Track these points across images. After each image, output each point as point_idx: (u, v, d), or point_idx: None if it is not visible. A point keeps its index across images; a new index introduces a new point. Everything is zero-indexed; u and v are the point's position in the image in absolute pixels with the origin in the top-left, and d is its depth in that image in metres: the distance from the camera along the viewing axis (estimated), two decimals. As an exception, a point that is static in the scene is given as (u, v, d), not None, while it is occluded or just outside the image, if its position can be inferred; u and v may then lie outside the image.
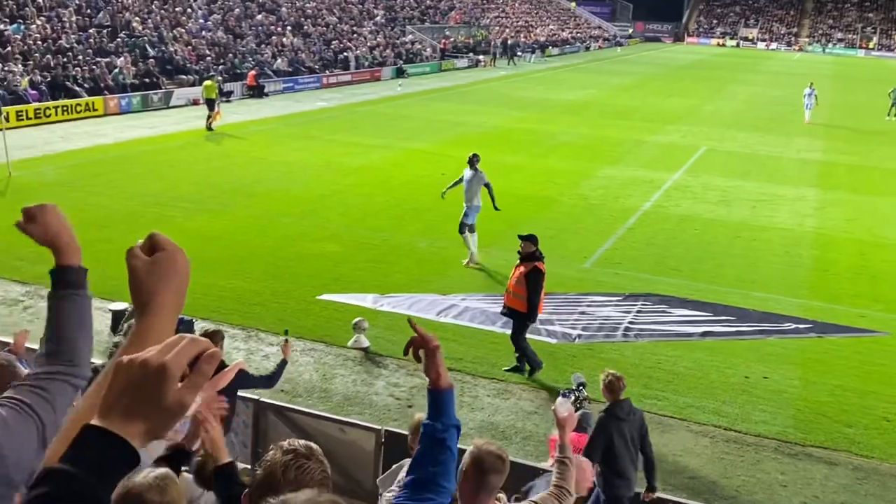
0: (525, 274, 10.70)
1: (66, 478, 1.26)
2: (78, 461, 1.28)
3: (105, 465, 1.30)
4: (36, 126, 26.90)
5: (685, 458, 9.32)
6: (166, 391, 1.33)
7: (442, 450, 2.97)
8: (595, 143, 28.75)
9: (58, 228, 2.26)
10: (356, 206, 18.87)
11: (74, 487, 1.26)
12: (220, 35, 41.13)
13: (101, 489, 1.28)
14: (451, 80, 47.45)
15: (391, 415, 9.68)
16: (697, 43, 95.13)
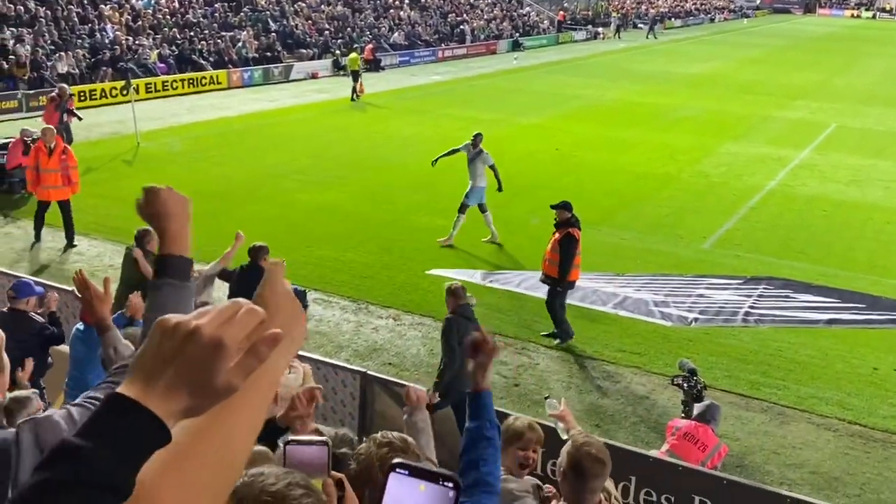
0: (559, 240, 10.54)
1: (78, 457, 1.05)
2: (100, 438, 1.07)
3: (132, 446, 1.09)
4: (163, 98, 27.97)
5: (805, 452, 8.84)
6: (218, 370, 1.13)
7: (489, 448, 3.11)
8: (718, 118, 27.67)
9: (169, 213, 2.17)
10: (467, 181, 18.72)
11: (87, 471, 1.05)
12: (339, 9, 41.66)
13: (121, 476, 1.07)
14: (568, 52, 46.62)
15: (497, 393, 9.55)
16: (830, 15, 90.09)
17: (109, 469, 1.05)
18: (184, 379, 1.13)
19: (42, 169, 13.56)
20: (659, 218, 16.64)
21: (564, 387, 9.77)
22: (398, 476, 1.20)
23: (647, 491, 7.00)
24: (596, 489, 4.04)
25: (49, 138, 13.71)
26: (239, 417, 1.23)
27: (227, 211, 15.67)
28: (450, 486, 1.20)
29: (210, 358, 1.13)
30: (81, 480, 1.04)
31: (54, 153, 13.62)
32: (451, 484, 1.20)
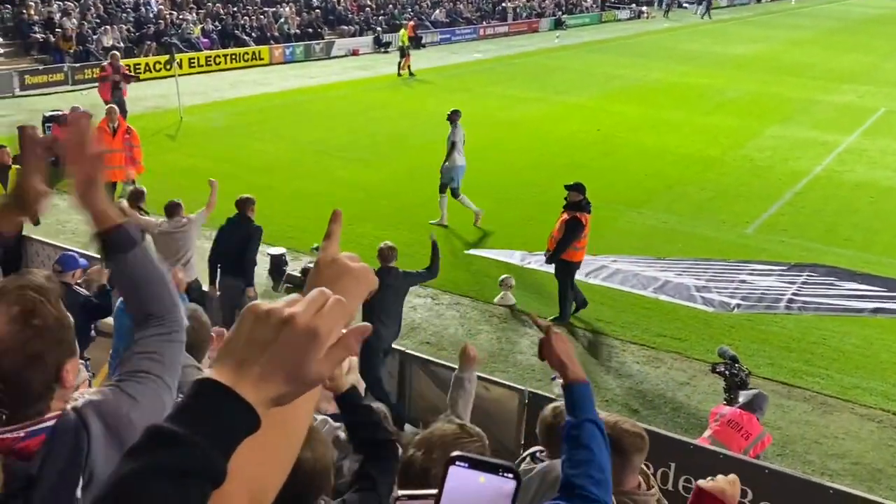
0: (566, 221, 10.50)
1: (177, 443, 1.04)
2: (196, 425, 1.05)
3: (227, 433, 1.07)
4: (206, 73, 28.13)
5: (848, 442, 8.70)
6: (311, 360, 1.11)
7: (577, 449, 2.66)
8: (763, 101, 27.17)
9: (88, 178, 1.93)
10: (508, 160, 18.66)
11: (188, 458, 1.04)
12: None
13: (218, 463, 1.06)
14: (611, 31, 46.03)
15: (535, 375, 9.53)
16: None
17: (208, 456, 1.04)
18: (277, 367, 1.11)
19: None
20: (702, 201, 16.41)
21: (603, 370, 9.71)
22: (458, 468, 1.19)
23: (686, 478, 6.94)
24: (636, 466, 4.01)
25: (112, 118, 13.51)
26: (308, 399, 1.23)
27: (269, 187, 15.75)
28: (510, 476, 1.19)
29: (305, 347, 1.12)
30: (183, 467, 1.03)
31: (118, 133, 13.47)
32: (511, 475, 1.19)
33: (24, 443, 1.64)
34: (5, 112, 20.38)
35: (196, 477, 1.04)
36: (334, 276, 1.30)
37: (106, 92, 18.43)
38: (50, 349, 1.74)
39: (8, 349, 1.68)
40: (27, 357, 1.69)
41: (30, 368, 1.70)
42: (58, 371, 1.77)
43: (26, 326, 1.70)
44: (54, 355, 1.75)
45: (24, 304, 1.71)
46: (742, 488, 6.79)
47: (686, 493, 6.93)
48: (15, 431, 1.65)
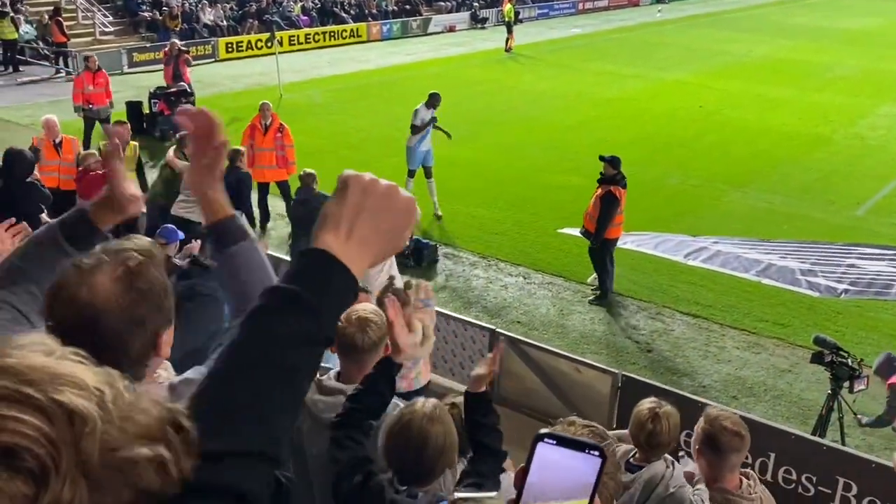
0: (600, 196, 10.17)
1: (307, 307, 1.16)
2: (307, 285, 1.17)
3: (337, 301, 1.20)
4: (305, 51, 28.53)
5: (964, 440, 8.20)
6: (408, 228, 1.28)
7: None
8: (878, 78, 25.79)
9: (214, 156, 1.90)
10: (605, 138, 18.23)
11: (303, 307, 1.15)
12: (478, -39, 41.19)
13: (332, 327, 1.20)
14: (715, 4, 44.48)
15: (629, 358, 9.32)
16: None
17: (324, 320, 1.18)
18: (382, 233, 1.24)
19: (256, 147, 12.49)
20: (809, 182, 15.71)
21: (700, 355, 9.42)
22: (546, 446, 1.23)
23: (786, 469, 6.66)
24: (735, 465, 3.85)
25: (266, 114, 12.65)
26: None
27: (365, 163, 15.87)
28: (596, 454, 1.22)
29: (405, 215, 1.27)
30: (308, 330, 1.16)
31: (269, 131, 12.58)
32: (598, 453, 1.22)
33: None
34: (115, 89, 21.08)
35: (315, 340, 1.17)
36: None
37: (167, 76, 18.88)
38: (152, 314, 1.73)
39: (110, 309, 1.66)
40: (129, 320, 1.67)
41: (130, 332, 1.68)
42: (156, 338, 1.76)
43: (131, 289, 1.68)
44: (155, 321, 1.74)
45: (130, 266, 1.70)
46: (846, 481, 6.50)
47: (786, 484, 6.66)
48: None
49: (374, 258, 1.24)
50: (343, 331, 3.44)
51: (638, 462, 3.95)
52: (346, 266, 1.19)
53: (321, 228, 1.23)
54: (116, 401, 0.96)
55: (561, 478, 1.21)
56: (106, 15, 27.79)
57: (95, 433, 0.91)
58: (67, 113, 16.25)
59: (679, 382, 8.64)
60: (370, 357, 3.43)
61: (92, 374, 0.97)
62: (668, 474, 3.82)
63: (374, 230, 1.23)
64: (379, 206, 1.24)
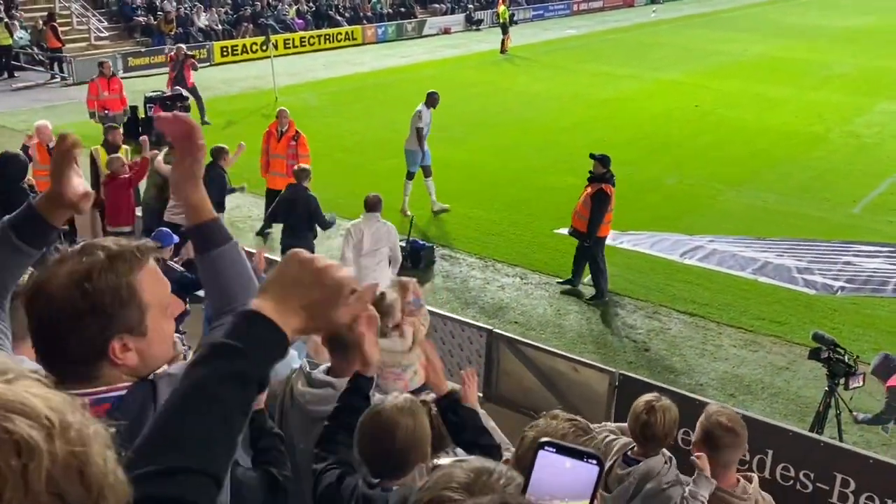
0: (591, 195, 10.20)
1: (235, 353, 1.33)
2: (247, 343, 1.34)
3: (269, 353, 1.37)
4: (300, 54, 28.53)
5: (961, 436, 8.20)
6: (336, 305, 1.42)
7: None
8: (873, 76, 25.83)
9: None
10: (601, 138, 18.24)
11: (243, 365, 1.33)
12: (473, -37, 41.23)
13: (266, 374, 1.38)
14: (710, 4, 44.54)
15: (626, 357, 9.32)
16: None
17: (259, 366, 1.36)
18: (311, 304, 1.40)
19: (271, 154, 12.43)
20: (805, 180, 15.73)
21: (698, 354, 9.42)
22: (546, 454, 1.30)
23: (784, 466, 6.66)
24: (730, 462, 3.84)
25: (283, 121, 12.46)
26: None
27: (361, 165, 15.89)
28: (594, 462, 1.28)
29: (334, 294, 1.41)
30: (243, 373, 1.33)
31: (283, 138, 12.37)
32: (595, 461, 1.28)
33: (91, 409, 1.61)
34: (110, 94, 21.13)
35: (251, 382, 1.34)
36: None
37: (170, 81, 18.93)
38: (96, 318, 1.66)
39: (53, 305, 1.66)
40: (67, 318, 1.66)
41: (68, 331, 1.67)
42: (104, 344, 1.68)
43: (76, 286, 1.66)
44: (97, 325, 1.67)
45: (85, 265, 1.68)
46: (844, 478, 6.50)
47: (784, 481, 6.65)
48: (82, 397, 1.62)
49: (303, 325, 1.41)
50: None
51: (635, 456, 3.95)
52: (274, 322, 1.37)
53: (259, 293, 1.42)
54: (66, 433, 0.95)
55: (560, 483, 1.28)
56: (100, 20, 27.77)
57: (41, 467, 0.91)
58: (62, 118, 16.25)
59: (676, 381, 8.64)
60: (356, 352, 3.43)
61: (44, 401, 0.97)
62: (664, 470, 3.81)
63: (305, 299, 1.40)
64: (309, 281, 1.41)
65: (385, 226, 9.18)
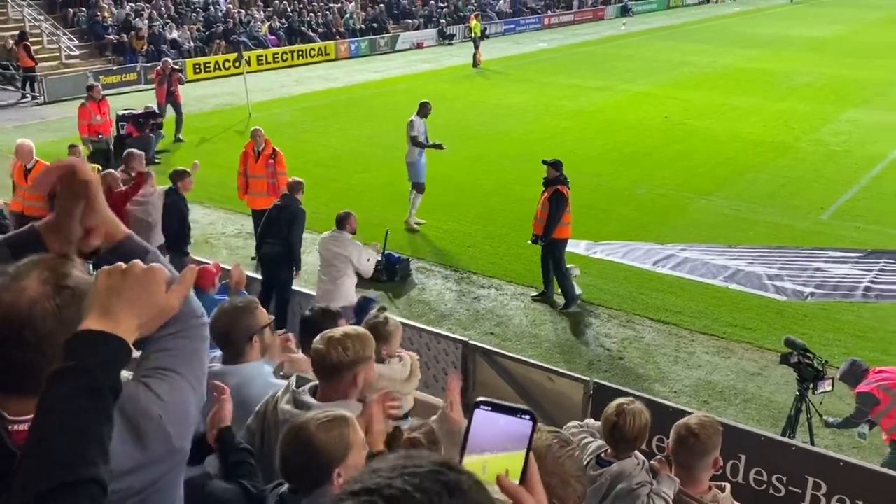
0: (548, 197, 10.45)
1: (71, 372, 1.42)
2: (84, 360, 1.43)
3: (110, 362, 1.46)
4: (274, 70, 28.55)
5: (930, 436, 8.34)
6: (157, 292, 1.58)
7: None
8: (840, 85, 26.29)
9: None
10: (574, 150, 18.42)
11: (84, 378, 1.42)
12: (444, -22, 41.51)
13: (114, 382, 1.46)
14: (679, 17, 45.15)
15: (601, 366, 9.41)
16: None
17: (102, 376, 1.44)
18: (131, 304, 1.53)
19: (249, 174, 12.09)
20: (774, 188, 15.97)
21: (671, 361, 9.52)
22: (482, 412, 1.35)
23: (757, 470, 6.75)
24: (698, 468, 3.90)
25: (259, 140, 12.14)
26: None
27: (334, 179, 15.93)
28: (527, 418, 1.34)
29: (148, 284, 1.57)
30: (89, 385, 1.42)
31: (261, 157, 12.05)
32: (528, 416, 1.34)
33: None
34: (82, 112, 21.03)
35: (97, 390, 1.42)
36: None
37: (161, 95, 18.92)
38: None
39: (41, 312, 1.59)
40: (62, 322, 1.59)
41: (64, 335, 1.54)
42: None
43: (60, 288, 1.63)
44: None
45: (55, 267, 1.66)
46: (815, 481, 6.59)
47: (757, 485, 6.75)
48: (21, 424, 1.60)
49: (138, 321, 1.55)
50: (317, 351, 3.47)
51: (608, 458, 4.02)
52: (104, 332, 1.48)
53: (85, 311, 1.52)
54: None
55: (496, 438, 1.34)
56: (71, 38, 27.64)
57: None
58: (34, 137, 16.06)
59: (651, 388, 8.74)
60: (344, 376, 3.46)
61: None
62: (636, 472, 3.88)
63: (124, 301, 1.53)
64: (119, 284, 1.55)
65: (343, 242, 9.02)
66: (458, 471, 1.14)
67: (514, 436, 1.34)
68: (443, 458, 1.15)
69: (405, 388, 5.07)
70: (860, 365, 7.25)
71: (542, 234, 10.63)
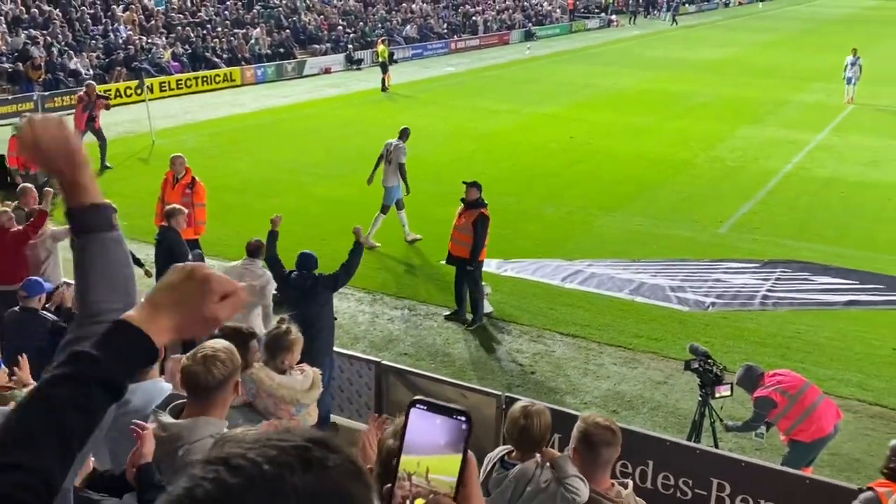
0: (473, 221, 10.67)
1: (91, 360, 1.42)
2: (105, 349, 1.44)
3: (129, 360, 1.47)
4: (178, 97, 28.08)
5: (826, 435, 8.75)
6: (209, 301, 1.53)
7: None
8: (734, 104, 27.45)
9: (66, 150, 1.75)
10: (483, 171, 18.63)
11: (97, 370, 1.42)
12: (351, 4, 41.64)
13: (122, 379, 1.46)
14: (581, 41, 46.39)
15: (514, 381, 9.56)
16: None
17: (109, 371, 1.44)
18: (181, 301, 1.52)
19: (165, 201, 11.58)
20: (675, 203, 16.54)
21: (581, 374, 9.74)
22: (418, 411, 1.36)
23: (664, 475, 6.97)
24: (606, 462, 4.02)
25: (178, 168, 11.84)
26: None
27: (243, 204, 15.76)
28: (462, 419, 1.35)
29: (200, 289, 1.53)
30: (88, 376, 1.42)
31: (178, 185, 11.76)
32: (464, 417, 1.35)
33: None
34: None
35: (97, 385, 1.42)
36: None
37: (80, 121, 18.40)
38: None
39: None
40: None
41: None
42: None
43: None
44: None
45: None
46: (720, 482, 6.84)
47: (665, 490, 6.96)
48: None
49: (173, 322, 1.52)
50: (188, 368, 3.42)
51: (512, 460, 4.11)
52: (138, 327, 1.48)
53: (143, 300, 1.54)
54: None
55: (433, 436, 1.35)
56: (-37, 67, 26.62)
57: None
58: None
59: (562, 401, 8.92)
60: (216, 395, 3.41)
61: None
62: (538, 472, 3.98)
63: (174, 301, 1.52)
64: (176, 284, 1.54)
65: (255, 272, 8.78)
66: (329, 448, 1.08)
67: (450, 436, 1.34)
68: (324, 435, 1.11)
69: (306, 398, 5.09)
70: (755, 370, 7.58)
71: (466, 257, 10.70)
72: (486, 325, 11.06)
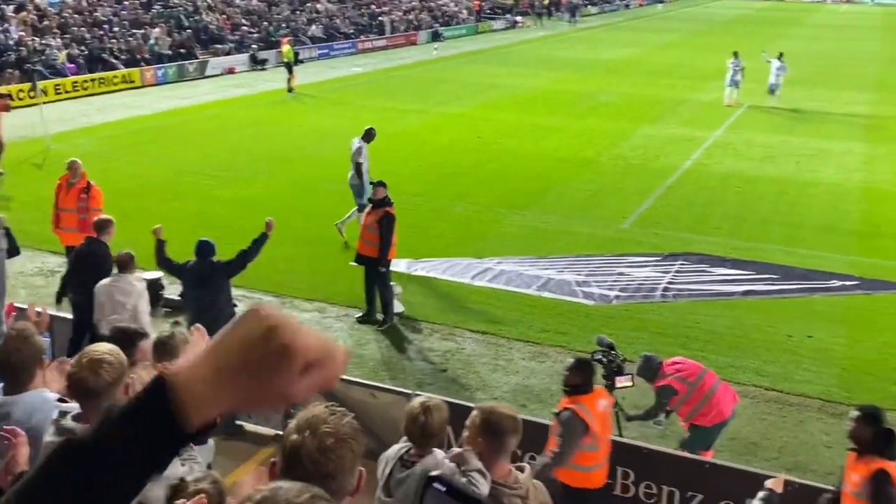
0: (378, 220, 10.77)
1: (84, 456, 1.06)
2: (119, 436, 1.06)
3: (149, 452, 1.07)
4: (74, 99, 27.14)
5: (725, 420, 9.07)
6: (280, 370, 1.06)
7: None
8: (635, 103, 28.18)
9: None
10: (392, 171, 18.58)
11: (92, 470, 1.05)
12: (254, 3, 41.01)
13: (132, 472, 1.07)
14: (487, 42, 46.84)
15: (426, 379, 9.59)
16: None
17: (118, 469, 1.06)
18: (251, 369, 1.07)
19: (59, 207, 11.46)
20: (580, 200, 16.88)
21: (491, 370, 9.84)
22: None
23: (571, 465, 7.08)
24: (510, 447, 4.07)
25: (74, 172, 11.48)
26: None
27: (144, 209, 15.31)
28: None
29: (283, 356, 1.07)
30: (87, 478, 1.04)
31: (73, 189, 11.42)
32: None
33: None
34: None
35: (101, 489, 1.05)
36: None
37: None
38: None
39: None
40: None
41: None
42: None
43: None
44: None
45: None
46: (624, 469, 7.01)
47: (573, 480, 7.07)
48: None
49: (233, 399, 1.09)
50: (75, 374, 3.34)
51: (412, 457, 4.12)
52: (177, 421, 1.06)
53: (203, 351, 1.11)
54: None
55: None
56: None
57: None
58: None
59: (473, 397, 8.99)
60: (106, 398, 3.34)
61: None
62: (441, 465, 4.01)
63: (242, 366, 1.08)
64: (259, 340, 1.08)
65: (126, 289, 8.28)
66: None
67: None
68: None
69: None
70: (654, 359, 7.81)
71: (374, 257, 10.67)
72: (397, 324, 11.05)
